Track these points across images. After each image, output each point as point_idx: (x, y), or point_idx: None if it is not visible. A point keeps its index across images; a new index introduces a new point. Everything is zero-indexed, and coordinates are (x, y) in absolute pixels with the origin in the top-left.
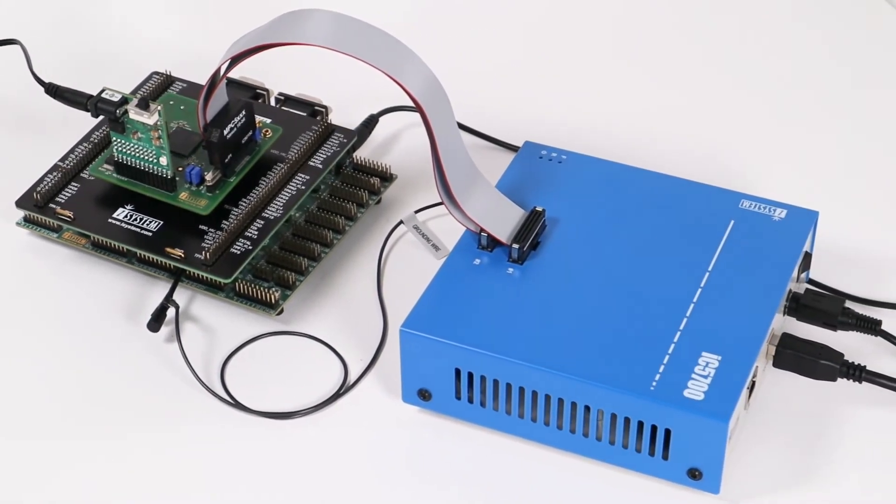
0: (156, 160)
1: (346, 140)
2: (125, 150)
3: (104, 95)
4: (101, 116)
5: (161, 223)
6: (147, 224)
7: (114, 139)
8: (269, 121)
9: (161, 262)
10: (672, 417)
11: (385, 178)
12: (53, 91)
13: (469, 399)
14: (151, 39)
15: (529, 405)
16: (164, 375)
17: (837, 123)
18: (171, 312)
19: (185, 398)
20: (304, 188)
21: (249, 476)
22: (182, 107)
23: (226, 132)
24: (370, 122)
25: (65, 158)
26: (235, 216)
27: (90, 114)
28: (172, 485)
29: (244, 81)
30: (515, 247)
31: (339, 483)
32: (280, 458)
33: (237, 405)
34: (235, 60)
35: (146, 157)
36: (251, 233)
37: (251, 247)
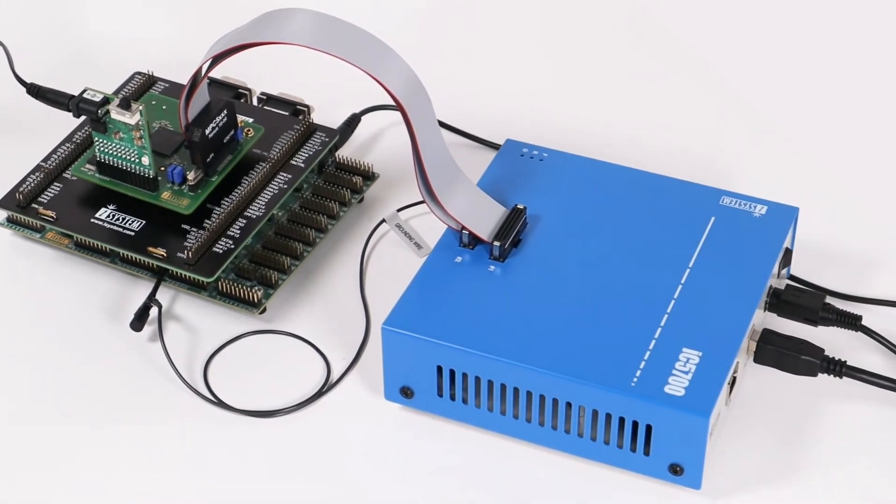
0: (138, 160)
1: (329, 139)
2: (107, 150)
3: (86, 95)
4: (84, 117)
5: (143, 223)
6: (129, 224)
7: (96, 139)
8: (251, 120)
9: (144, 262)
10: (653, 413)
11: (367, 177)
12: (35, 91)
13: (451, 396)
14: (134, 40)
15: (511, 402)
16: (148, 374)
17: (817, 120)
18: (154, 312)
19: (169, 397)
20: (287, 187)
21: (232, 474)
22: (164, 107)
23: (207, 132)
24: (352, 121)
25: (47, 159)
26: (218, 215)
27: (72, 114)
28: (155, 483)
29: (227, 81)
30: (497, 244)
31: (322, 481)
32: (263, 456)
33: (220, 404)
34: (217, 60)
35: (128, 157)
36: (233, 232)
37: (233, 246)
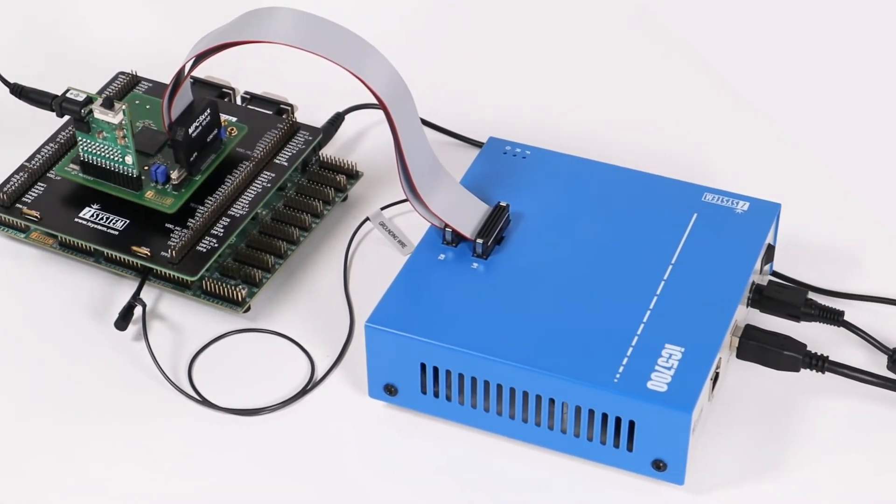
0: (121, 159)
1: (312, 138)
2: (91, 150)
3: (69, 95)
4: (67, 116)
5: (127, 222)
6: (113, 223)
7: (79, 139)
8: (235, 119)
9: (128, 261)
10: (636, 409)
11: (351, 176)
12: (18, 91)
13: (435, 394)
14: (118, 39)
15: (495, 399)
16: (132, 374)
17: (800, 116)
18: (139, 311)
19: (153, 396)
20: (270, 186)
21: (217, 472)
22: (148, 106)
23: (191, 131)
24: (336, 120)
25: (31, 159)
26: (201, 214)
27: (55, 114)
28: (140, 482)
29: (210, 80)
30: (480, 242)
31: (307, 478)
32: (248, 455)
33: (205, 402)
34: (200, 59)
35: (112, 157)
36: (217, 231)
37: (217, 245)
